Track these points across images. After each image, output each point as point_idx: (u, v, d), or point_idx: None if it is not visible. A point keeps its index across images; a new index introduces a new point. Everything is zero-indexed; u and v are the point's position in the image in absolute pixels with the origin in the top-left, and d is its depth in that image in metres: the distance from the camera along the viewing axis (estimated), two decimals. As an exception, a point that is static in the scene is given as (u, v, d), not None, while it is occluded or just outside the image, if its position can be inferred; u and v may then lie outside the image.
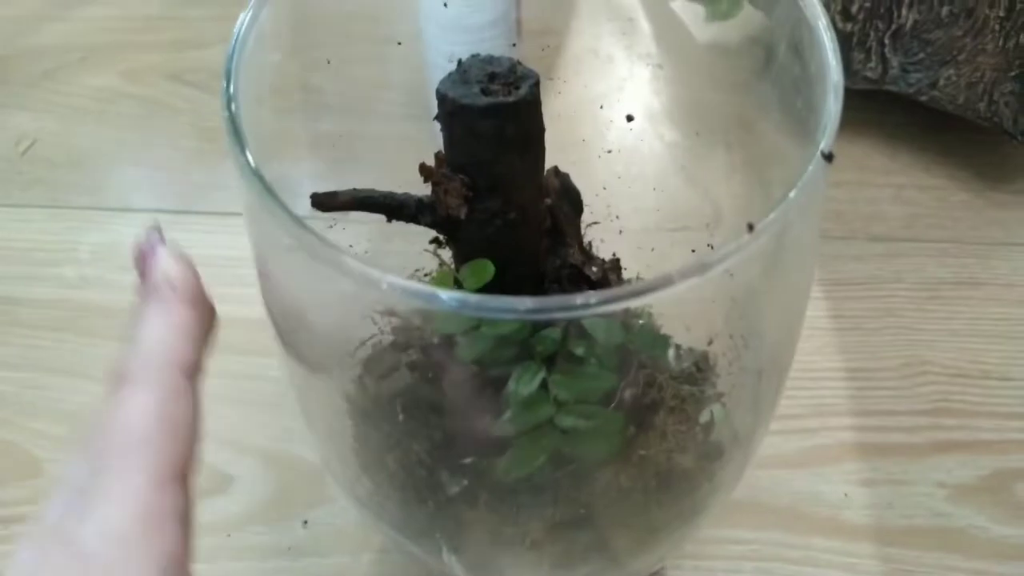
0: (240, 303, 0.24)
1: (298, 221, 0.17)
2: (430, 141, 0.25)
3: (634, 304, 0.16)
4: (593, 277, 0.30)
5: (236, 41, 0.20)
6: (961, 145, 0.50)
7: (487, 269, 0.27)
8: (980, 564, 0.36)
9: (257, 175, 0.18)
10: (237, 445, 0.40)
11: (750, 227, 0.16)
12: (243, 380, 0.42)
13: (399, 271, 0.34)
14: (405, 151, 0.26)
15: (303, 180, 0.24)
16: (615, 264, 0.33)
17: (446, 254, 0.30)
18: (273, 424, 0.40)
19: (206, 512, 0.38)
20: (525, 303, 0.16)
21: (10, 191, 0.51)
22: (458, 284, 0.28)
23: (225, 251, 0.47)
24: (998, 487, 0.38)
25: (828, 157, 0.17)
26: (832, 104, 0.17)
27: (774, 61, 0.20)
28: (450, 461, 0.27)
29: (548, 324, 0.23)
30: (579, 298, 0.16)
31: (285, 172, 0.27)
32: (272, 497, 0.39)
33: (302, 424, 0.30)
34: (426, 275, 0.34)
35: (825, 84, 0.17)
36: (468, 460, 0.27)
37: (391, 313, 0.31)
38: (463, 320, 0.27)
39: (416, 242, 0.30)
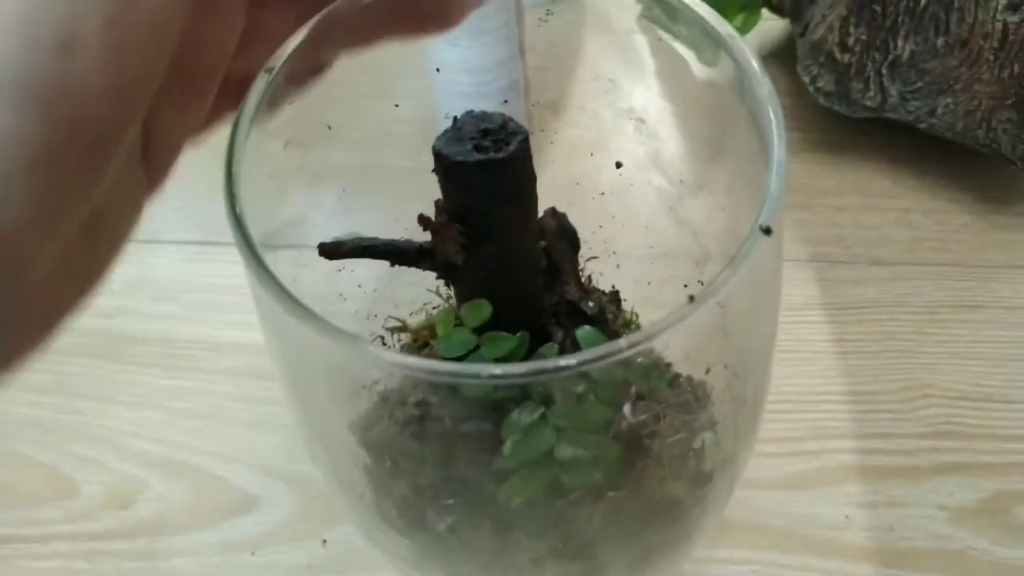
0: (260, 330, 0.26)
1: (297, 303, 0.19)
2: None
3: (610, 363, 0.18)
4: (589, 312, 0.31)
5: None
6: (964, 169, 0.51)
7: (485, 308, 0.29)
8: (980, 586, 0.37)
9: (256, 256, 0.20)
10: (261, 467, 0.42)
11: (691, 299, 0.17)
12: (266, 404, 0.44)
13: (409, 305, 0.36)
14: (417, 183, 0.27)
15: (312, 213, 0.26)
16: (614, 296, 0.35)
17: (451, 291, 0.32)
18: (293, 447, 0.42)
19: (231, 531, 0.40)
20: (492, 369, 0.18)
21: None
22: (459, 321, 0.30)
23: (244, 281, 0.50)
24: (999, 509, 0.39)
25: (767, 231, 0.18)
26: (773, 182, 0.18)
27: (737, 111, 0.21)
28: (452, 490, 0.28)
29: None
30: (550, 363, 0.18)
31: (291, 204, 0.29)
32: (293, 517, 0.41)
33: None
34: (434, 308, 0.36)
35: (769, 158, 0.19)
36: (469, 492, 0.29)
37: (402, 329, 0.33)
38: (463, 342, 0.29)
39: (424, 281, 0.31)
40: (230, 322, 0.47)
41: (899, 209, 0.50)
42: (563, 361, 0.18)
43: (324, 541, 0.40)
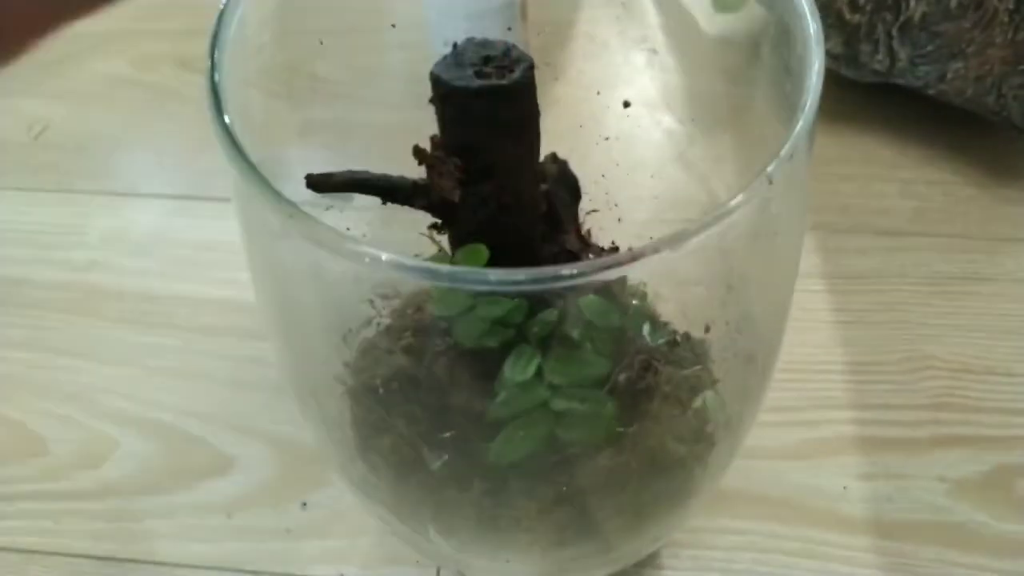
0: (245, 288, 0.25)
1: (286, 201, 0.18)
2: (428, 130, 0.25)
3: (614, 274, 0.16)
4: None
5: (220, 19, 0.20)
6: (970, 140, 0.49)
7: (481, 253, 0.27)
8: (979, 559, 0.36)
9: (243, 156, 0.18)
10: (239, 428, 0.41)
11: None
12: (246, 363, 0.43)
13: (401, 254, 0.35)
14: (402, 139, 0.26)
15: (296, 166, 0.25)
16: (613, 252, 0.33)
17: (444, 240, 0.30)
18: (275, 407, 0.41)
19: (208, 493, 0.39)
20: (489, 275, 0.16)
21: (21, 175, 0.51)
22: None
23: (231, 236, 0.47)
24: (999, 483, 0.38)
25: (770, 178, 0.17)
26: (805, 109, 0.17)
27: (765, 48, 0.20)
28: (442, 444, 0.27)
29: (537, 299, 0.23)
30: (564, 269, 0.16)
31: (278, 158, 0.27)
32: (272, 479, 0.39)
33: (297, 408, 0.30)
34: (427, 259, 0.34)
35: (809, 65, 0.17)
36: (461, 443, 0.28)
37: (390, 296, 0.32)
38: (457, 302, 0.27)
39: (416, 227, 0.30)
40: (212, 279, 0.45)
41: (903, 179, 0.49)
42: (565, 270, 0.16)
43: (304, 504, 0.38)
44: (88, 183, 0.51)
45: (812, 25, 0.17)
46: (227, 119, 0.19)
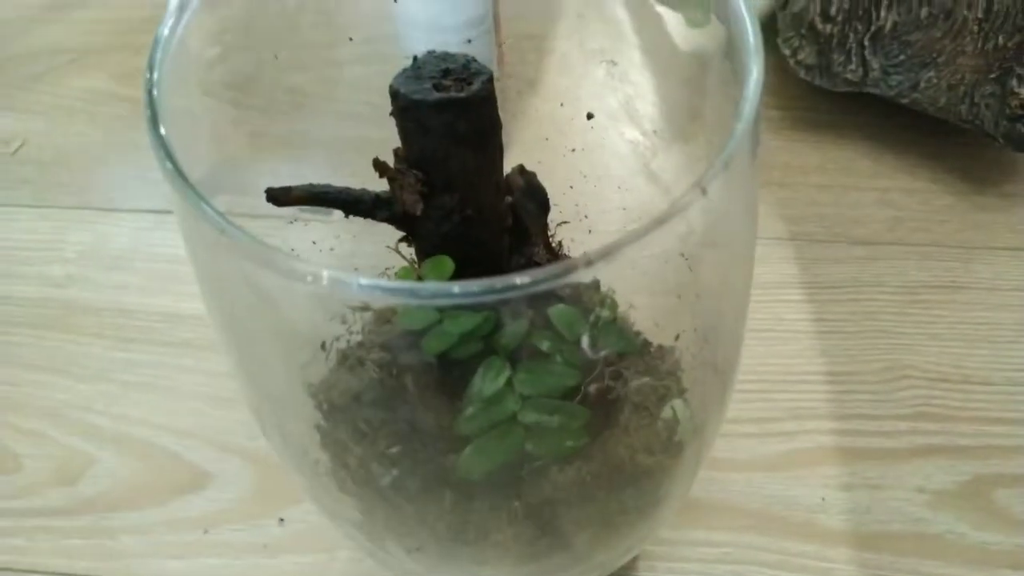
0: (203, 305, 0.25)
1: (220, 216, 0.17)
2: (391, 143, 0.25)
3: (561, 282, 0.16)
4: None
5: (161, 30, 0.20)
6: (946, 148, 0.50)
7: (446, 265, 0.27)
8: (958, 570, 0.36)
9: (178, 171, 0.18)
10: (216, 443, 0.40)
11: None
12: (223, 379, 0.42)
13: (371, 269, 0.34)
14: (366, 153, 0.26)
15: (257, 180, 0.24)
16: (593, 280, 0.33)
17: (413, 253, 0.30)
18: (251, 423, 0.40)
19: (184, 509, 0.38)
20: (443, 288, 0.16)
21: (-1, 190, 0.51)
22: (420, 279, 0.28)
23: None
24: (977, 493, 0.38)
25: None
26: (747, 105, 0.17)
27: (716, 59, 0.20)
28: (410, 459, 0.27)
29: (505, 312, 0.23)
30: (518, 278, 0.16)
31: (238, 172, 0.27)
32: (249, 494, 0.39)
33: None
34: (395, 273, 0.34)
35: (748, 74, 0.17)
36: (429, 458, 0.27)
37: (363, 308, 0.32)
38: (424, 316, 0.27)
39: (386, 239, 0.30)
40: (188, 293, 0.45)
41: (880, 188, 0.49)
42: (518, 279, 0.16)
43: (281, 520, 0.38)
44: (66, 198, 0.50)
45: (751, 33, 0.17)
46: (163, 131, 0.19)
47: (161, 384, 0.42)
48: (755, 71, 0.17)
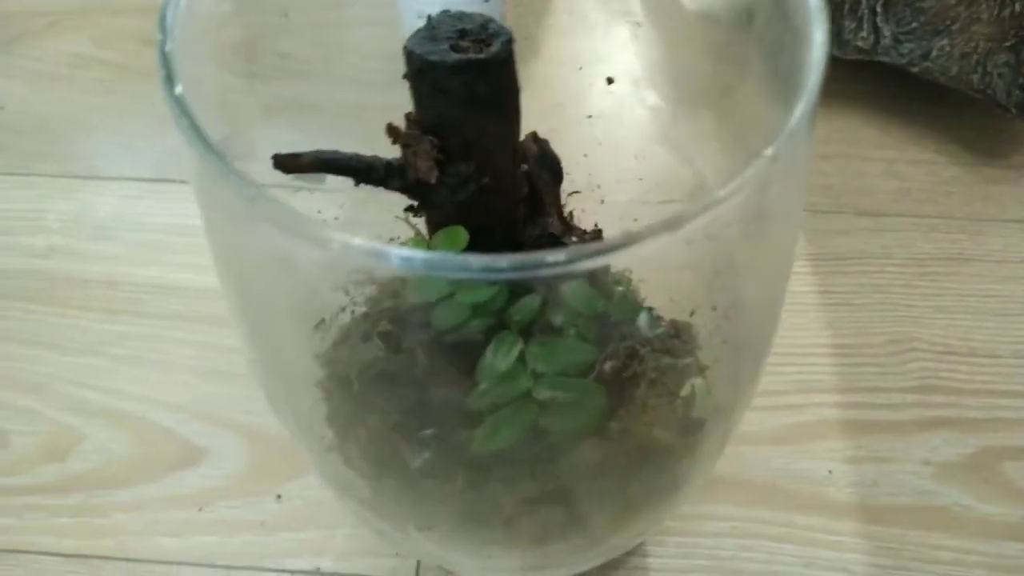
0: (213, 273, 0.23)
1: (248, 182, 0.16)
2: (402, 109, 0.24)
3: (603, 262, 0.15)
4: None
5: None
6: (954, 119, 0.49)
7: (460, 236, 0.26)
8: (965, 543, 0.35)
9: (199, 133, 0.17)
10: (210, 417, 0.39)
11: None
12: (218, 352, 0.41)
13: (372, 240, 0.33)
14: (374, 119, 0.24)
15: (262, 146, 0.23)
16: (597, 235, 0.32)
17: (421, 223, 0.29)
18: (247, 396, 0.40)
19: (177, 485, 0.37)
20: (471, 261, 0.15)
21: (-24, 158, 0.49)
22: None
23: (197, 220, 0.46)
24: (984, 465, 0.37)
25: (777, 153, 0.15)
26: (811, 75, 0.16)
27: (758, 20, 0.19)
28: (421, 436, 0.26)
29: (519, 285, 0.22)
30: (550, 256, 0.15)
31: (242, 137, 0.26)
32: (245, 471, 0.38)
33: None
34: (404, 244, 0.33)
35: (808, 40, 0.16)
36: (441, 435, 0.27)
37: (364, 282, 0.30)
38: (436, 287, 0.26)
39: (391, 210, 0.29)
40: (179, 264, 0.44)
41: (886, 159, 0.48)
42: (552, 257, 0.15)
43: (279, 496, 0.37)
44: (47, 166, 0.49)
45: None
46: (179, 90, 0.17)
47: (151, 357, 0.41)
48: (819, 34, 0.16)
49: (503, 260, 0.16)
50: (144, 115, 0.50)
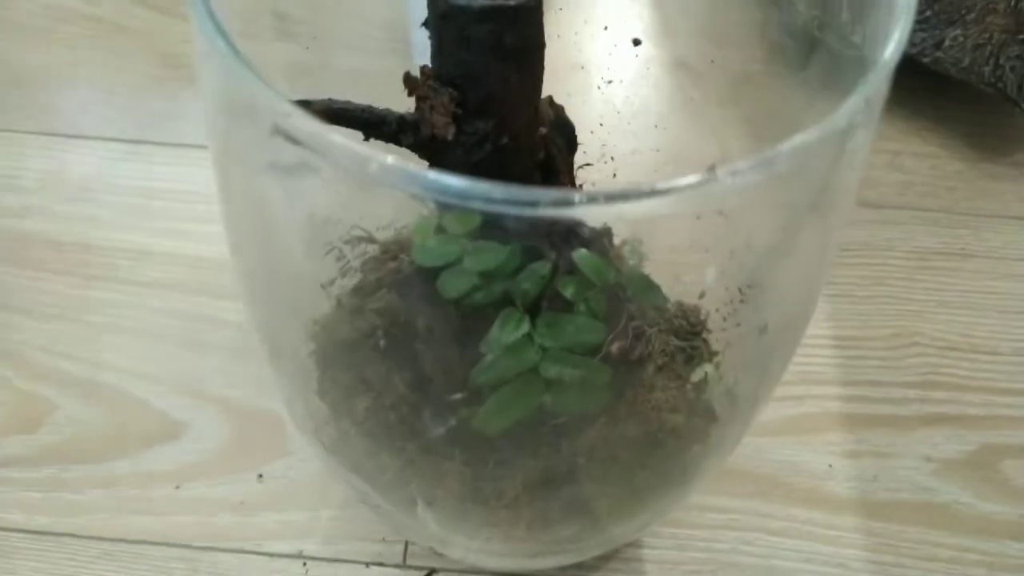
0: (199, 241, 0.22)
1: (277, 92, 0.15)
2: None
3: (651, 207, 0.14)
4: (585, 234, 0.28)
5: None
6: (958, 113, 0.48)
7: (472, 217, 0.24)
8: (965, 540, 0.35)
9: (225, 37, 0.15)
10: (190, 391, 0.37)
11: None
12: (200, 322, 0.39)
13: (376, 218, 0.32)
14: (379, 87, 0.23)
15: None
16: (607, 230, 0.31)
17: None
18: (231, 370, 0.38)
19: (154, 461, 0.36)
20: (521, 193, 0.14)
21: (-51, 112, 0.47)
22: (441, 231, 0.25)
23: (183, 185, 0.45)
24: (985, 463, 0.37)
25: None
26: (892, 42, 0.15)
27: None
28: (423, 407, 0.25)
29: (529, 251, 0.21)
30: (578, 195, 0.14)
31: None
32: (226, 448, 0.36)
33: (263, 371, 0.27)
34: (404, 228, 0.31)
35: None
36: (442, 409, 0.25)
37: (368, 240, 0.29)
38: (443, 252, 0.24)
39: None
40: (160, 229, 0.42)
41: (890, 151, 0.47)
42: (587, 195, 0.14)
43: (260, 476, 0.35)
44: (25, 122, 0.46)
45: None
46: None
47: (128, 325, 0.39)
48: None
49: (543, 193, 0.15)
50: (127, 72, 0.48)
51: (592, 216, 0.14)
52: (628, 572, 0.33)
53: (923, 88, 0.48)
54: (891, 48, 0.15)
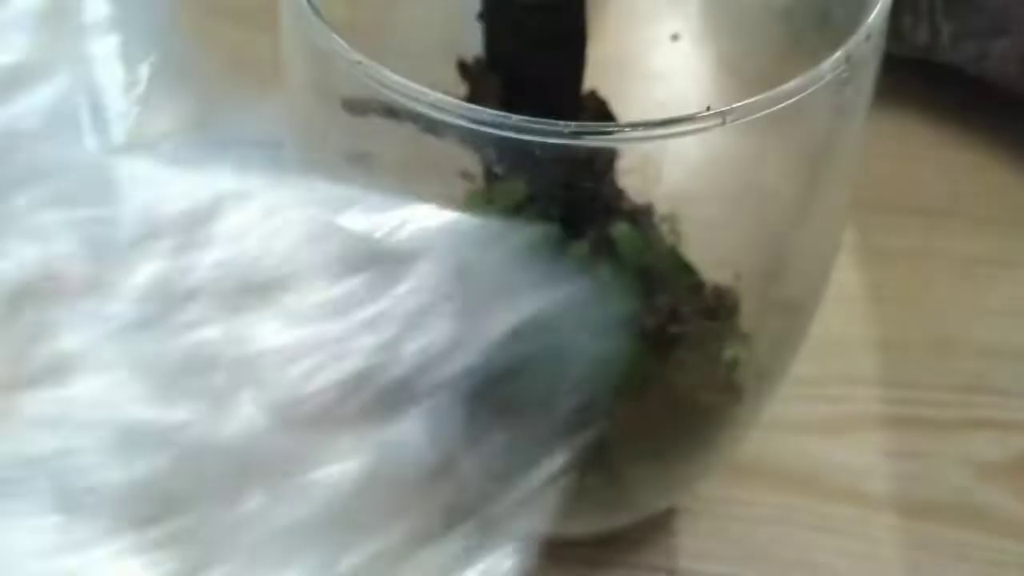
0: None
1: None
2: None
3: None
4: (625, 208, 0.29)
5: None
6: (1008, 123, 0.48)
7: (518, 188, 0.26)
8: (1002, 543, 0.35)
9: None
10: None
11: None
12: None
13: (429, 197, 0.33)
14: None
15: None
16: (647, 210, 0.32)
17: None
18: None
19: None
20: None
21: None
22: (490, 202, 0.27)
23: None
24: (1025, 468, 0.37)
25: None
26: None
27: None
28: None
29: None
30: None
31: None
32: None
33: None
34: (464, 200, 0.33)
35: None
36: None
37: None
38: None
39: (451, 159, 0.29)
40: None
41: (938, 159, 0.48)
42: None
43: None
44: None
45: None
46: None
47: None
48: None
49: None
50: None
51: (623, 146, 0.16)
52: (661, 560, 0.34)
53: (973, 98, 0.48)
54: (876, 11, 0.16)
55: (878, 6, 0.15)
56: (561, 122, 0.16)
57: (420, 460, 0.16)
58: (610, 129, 0.16)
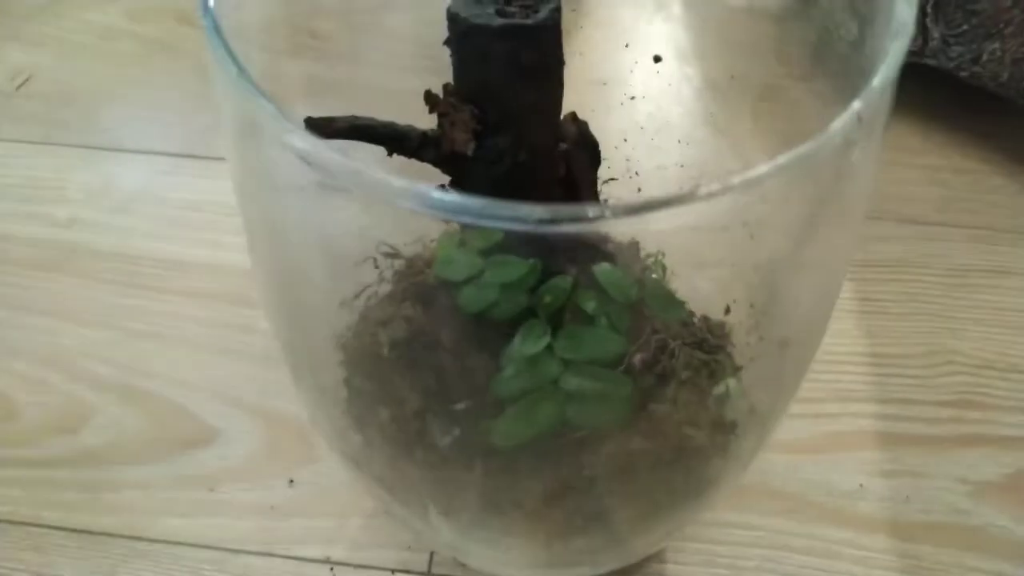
0: (234, 251, 0.23)
1: (284, 119, 0.15)
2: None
3: (652, 220, 0.14)
4: (607, 248, 0.28)
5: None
6: (998, 128, 0.47)
7: (494, 232, 0.25)
8: (1000, 565, 0.34)
9: (238, 64, 0.16)
10: (224, 397, 0.38)
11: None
12: (235, 331, 0.40)
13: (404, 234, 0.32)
14: (408, 104, 0.23)
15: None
16: (633, 245, 0.31)
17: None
18: (263, 377, 0.39)
19: (189, 465, 0.36)
20: (535, 212, 0.14)
21: (1, 125, 0.49)
22: (464, 245, 0.26)
23: (222, 197, 0.46)
24: (1021, 486, 0.36)
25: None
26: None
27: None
28: (443, 420, 0.25)
29: (549, 266, 0.21)
30: (592, 209, 0.14)
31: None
32: (258, 453, 0.37)
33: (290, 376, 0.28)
34: (432, 241, 0.32)
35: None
36: (463, 420, 0.26)
37: (393, 255, 0.29)
38: (465, 265, 0.25)
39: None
40: (199, 240, 0.43)
41: (929, 166, 0.47)
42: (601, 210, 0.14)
43: (291, 481, 0.36)
44: (72, 136, 0.48)
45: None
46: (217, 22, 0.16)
47: (168, 334, 0.40)
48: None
49: (564, 210, 0.15)
50: (172, 91, 0.50)
51: (596, 229, 0.14)
52: (650, 587, 0.33)
53: (964, 103, 0.47)
54: (884, 70, 0.14)
55: (889, 56, 0.14)
56: (525, 207, 0.14)
57: None
58: (580, 216, 0.14)
